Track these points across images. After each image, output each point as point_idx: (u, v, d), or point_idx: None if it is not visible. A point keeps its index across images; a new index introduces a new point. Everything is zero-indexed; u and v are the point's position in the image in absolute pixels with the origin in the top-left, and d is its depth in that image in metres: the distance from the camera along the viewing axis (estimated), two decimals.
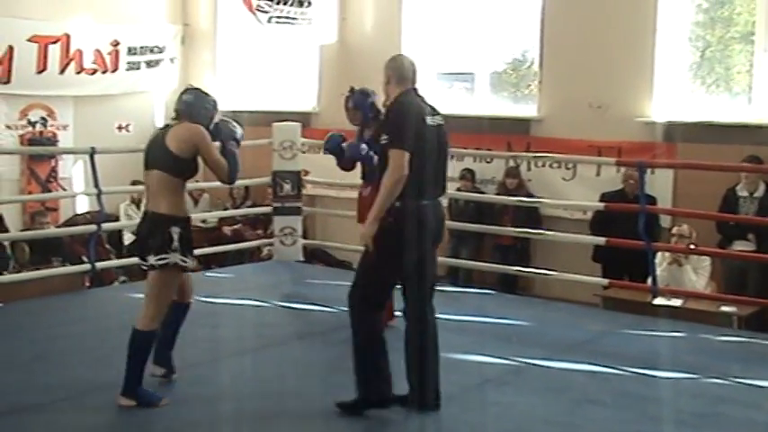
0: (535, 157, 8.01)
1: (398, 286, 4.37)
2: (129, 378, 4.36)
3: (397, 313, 4.67)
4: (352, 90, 5.93)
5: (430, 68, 9.99)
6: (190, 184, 4.68)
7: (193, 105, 4.50)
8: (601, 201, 7.67)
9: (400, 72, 4.37)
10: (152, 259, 4.33)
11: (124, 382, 4.36)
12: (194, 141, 4.38)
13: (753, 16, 8.11)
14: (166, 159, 4.38)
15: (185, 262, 4.40)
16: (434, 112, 4.38)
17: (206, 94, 4.61)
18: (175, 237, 4.33)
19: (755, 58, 7.95)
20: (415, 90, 4.39)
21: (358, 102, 5.83)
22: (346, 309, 4.30)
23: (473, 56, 9.68)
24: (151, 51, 11.41)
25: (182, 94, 4.61)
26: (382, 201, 4.16)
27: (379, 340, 4.28)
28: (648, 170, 7.19)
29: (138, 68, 11.30)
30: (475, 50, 9.66)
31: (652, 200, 7.40)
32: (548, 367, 4.68)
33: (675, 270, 7.21)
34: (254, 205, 9.98)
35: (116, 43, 10.98)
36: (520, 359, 5.11)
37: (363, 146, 5.70)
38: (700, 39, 8.60)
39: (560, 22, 8.72)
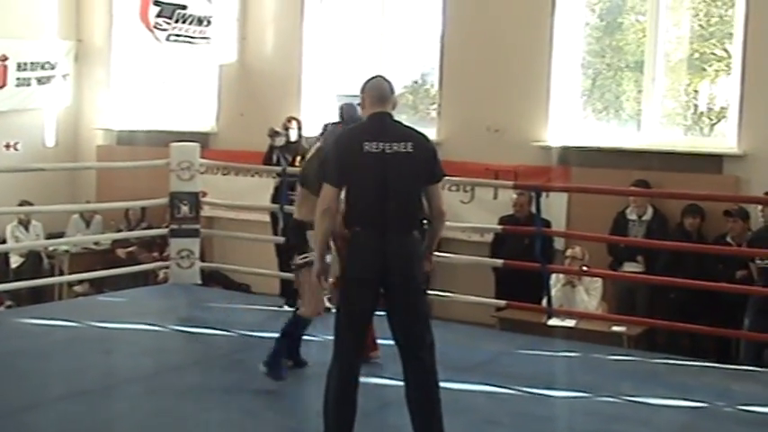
0: None
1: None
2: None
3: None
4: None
5: (330, 90, 10.02)
6: (82, 206, 4.58)
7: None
8: (500, 224, 7.81)
9: (367, 96, 4.22)
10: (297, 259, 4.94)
11: None
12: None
13: (642, 46, 8.42)
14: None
15: None
16: (400, 138, 3.95)
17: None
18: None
19: (644, 85, 8.26)
20: (379, 114, 4.10)
21: (345, 114, 5.32)
22: (245, 332, 4.22)
23: None
24: (42, 67, 11.09)
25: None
26: (314, 236, 4.13)
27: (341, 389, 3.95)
28: (544, 193, 7.35)
29: (28, 85, 10.96)
30: (374, 72, 9.67)
31: (547, 223, 7.57)
32: (446, 389, 4.70)
33: (569, 291, 7.38)
34: (149, 227, 9.75)
35: (4, 58, 10.63)
36: None
37: None
38: (592, 66, 8.88)
39: (460, 48, 8.86)
